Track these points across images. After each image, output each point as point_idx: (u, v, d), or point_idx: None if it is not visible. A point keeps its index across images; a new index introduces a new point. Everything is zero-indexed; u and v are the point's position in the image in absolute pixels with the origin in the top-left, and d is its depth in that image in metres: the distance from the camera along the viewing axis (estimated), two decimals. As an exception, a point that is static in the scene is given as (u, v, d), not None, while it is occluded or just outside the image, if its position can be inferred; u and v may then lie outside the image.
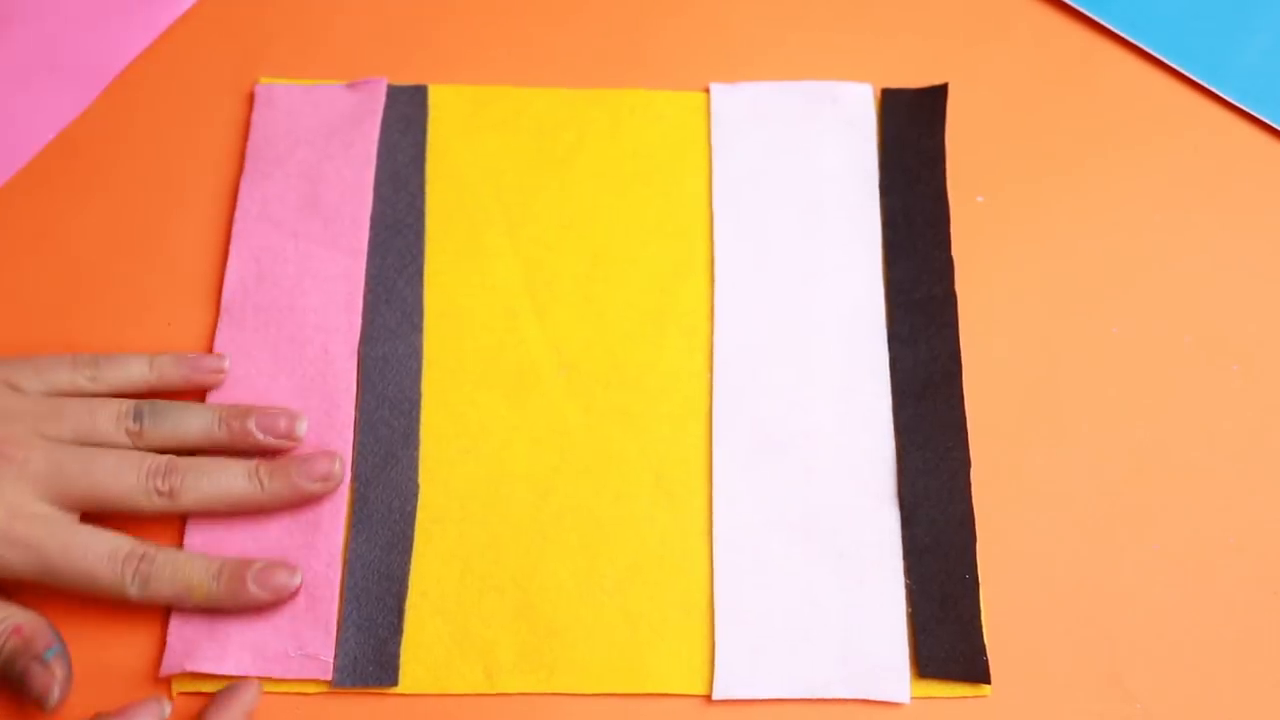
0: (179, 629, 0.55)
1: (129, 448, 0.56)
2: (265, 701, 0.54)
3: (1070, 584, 0.57)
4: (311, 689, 0.54)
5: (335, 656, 0.55)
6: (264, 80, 0.68)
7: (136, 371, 0.58)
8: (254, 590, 0.54)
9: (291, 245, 0.63)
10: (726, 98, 0.68)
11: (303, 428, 0.58)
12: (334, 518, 0.57)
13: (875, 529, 0.58)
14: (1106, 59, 0.70)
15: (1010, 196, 0.66)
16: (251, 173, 0.65)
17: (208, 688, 0.54)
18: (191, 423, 0.57)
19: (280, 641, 0.55)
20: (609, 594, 0.57)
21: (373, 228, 0.64)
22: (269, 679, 0.54)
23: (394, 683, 0.54)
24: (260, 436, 0.57)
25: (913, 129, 0.67)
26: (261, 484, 0.56)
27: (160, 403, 0.57)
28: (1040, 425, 0.61)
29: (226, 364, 0.60)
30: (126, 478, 0.54)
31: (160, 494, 0.54)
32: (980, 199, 0.66)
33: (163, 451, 0.56)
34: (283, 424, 0.57)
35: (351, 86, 0.68)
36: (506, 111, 0.68)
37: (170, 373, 0.58)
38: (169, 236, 0.64)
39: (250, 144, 0.66)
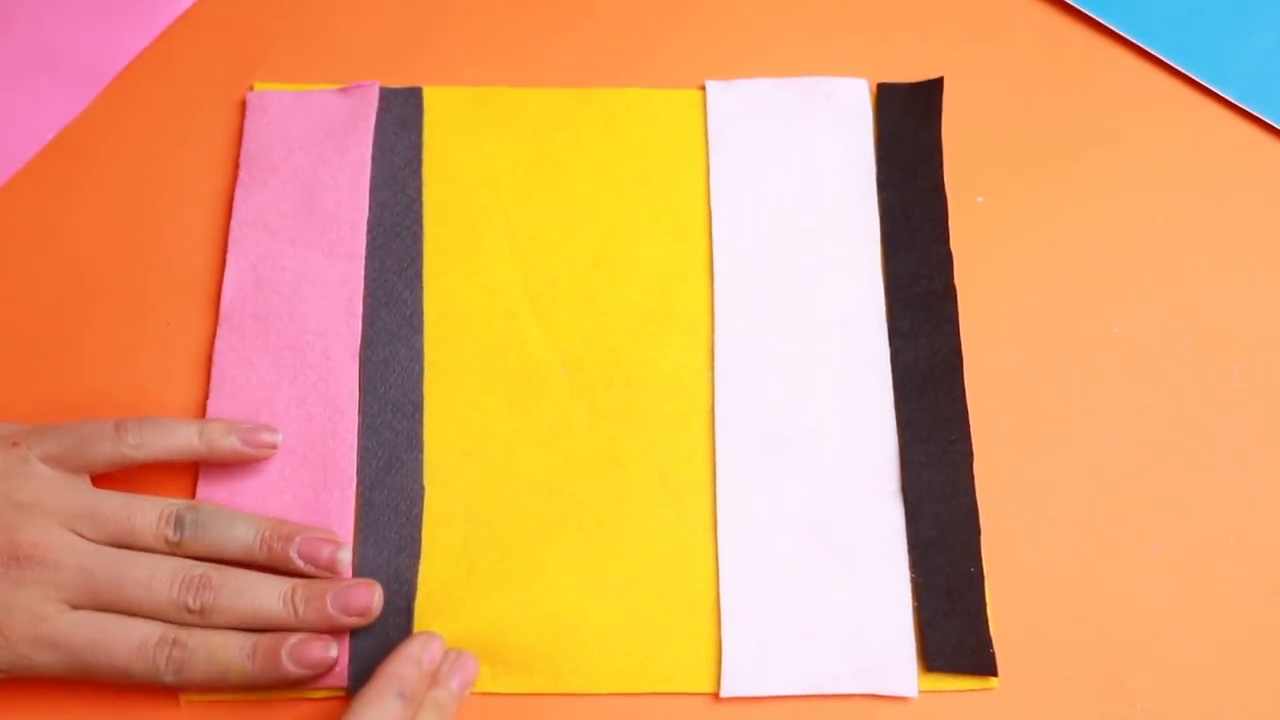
0: None
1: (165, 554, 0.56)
2: (279, 709, 0.56)
3: (1072, 583, 0.59)
4: (325, 694, 0.56)
5: (349, 662, 0.56)
6: (257, 86, 0.69)
7: (184, 439, 0.58)
8: (290, 668, 0.53)
9: (289, 252, 0.64)
10: (722, 95, 0.69)
11: (345, 559, 0.57)
12: (342, 523, 0.59)
13: (879, 524, 0.60)
14: (1106, 58, 0.71)
15: (1010, 196, 0.67)
16: (246, 180, 0.66)
17: (216, 697, 0.56)
18: (232, 540, 0.56)
19: None
20: (615, 593, 0.58)
21: (370, 231, 0.65)
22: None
23: (406, 684, 0.56)
24: (300, 564, 0.56)
25: (909, 123, 0.69)
26: (295, 610, 0.55)
27: (204, 510, 0.56)
28: (1041, 425, 0.62)
29: (279, 438, 0.60)
30: (158, 592, 0.54)
31: (190, 611, 0.54)
32: (981, 199, 0.67)
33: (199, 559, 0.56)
34: (325, 554, 0.56)
35: (344, 91, 0.68)
36: (502, 112, 0.69)
37: (220, 445, 0.58)
38: (168, 236, 0.65)
39: (243, 152, 0.67)
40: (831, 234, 0.66)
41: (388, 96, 0.69)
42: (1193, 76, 0.70)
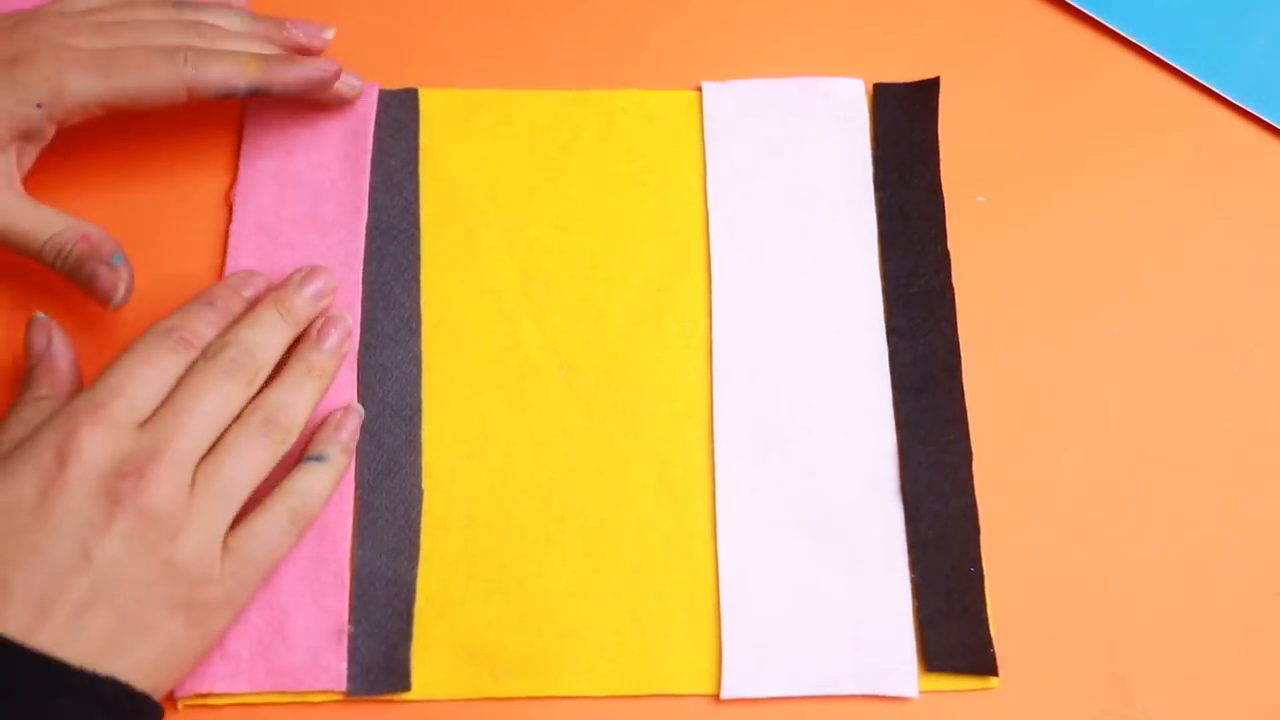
0: None
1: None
2: (280, 713, 0.56)
3: (1072, 583, 0.60)
4: (323, 698, 0.57)
5: (348, 665, 0.57)
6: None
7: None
8: (298, 69, 0.63)
9: (289, 256, 0.65)
10: (719, 96, 0.70)
11: (329, 34, 0.68)
12: (340, 526, 0.59)
13: (879, 524, 0.60)
14: (1106, 57, 0.72)
15: (1010, 195, 0.68)
16: (245, 183, 0.67)
17: (214, 702, 0.56)
18: (229, 19, 0.65)
19: (293, 655, 0.57)
20: (614, 595, 0.59)
21: (368, 234, 0.66)
22: (284, 692, 0.56)
23: (406, 688, 0.56)
24: (292, 31, 0.67)
25: (906, 123, 0.69)
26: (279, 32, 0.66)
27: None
28: (1041, 425, 0.63)
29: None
30: (161, 10, 0.64)
31: (190, 25, 0.63)
32: (980, 198, 0.68)
33: None
34: (312, 28, 0.68)
35: (344, 92, 0.69)
36: (498, 114, 0.69)
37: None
38: (168, 238, 0.65)
39: (242, 155, 0.67)
40: (829, 234, 0.67)
41: (384, 98, 0.69)
42: (1193, 76, 0.71)
